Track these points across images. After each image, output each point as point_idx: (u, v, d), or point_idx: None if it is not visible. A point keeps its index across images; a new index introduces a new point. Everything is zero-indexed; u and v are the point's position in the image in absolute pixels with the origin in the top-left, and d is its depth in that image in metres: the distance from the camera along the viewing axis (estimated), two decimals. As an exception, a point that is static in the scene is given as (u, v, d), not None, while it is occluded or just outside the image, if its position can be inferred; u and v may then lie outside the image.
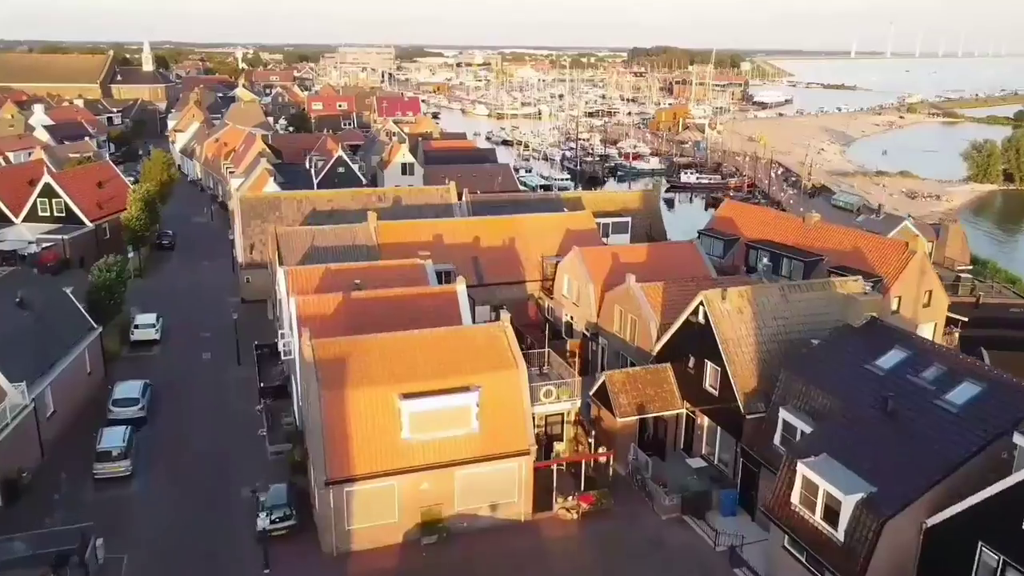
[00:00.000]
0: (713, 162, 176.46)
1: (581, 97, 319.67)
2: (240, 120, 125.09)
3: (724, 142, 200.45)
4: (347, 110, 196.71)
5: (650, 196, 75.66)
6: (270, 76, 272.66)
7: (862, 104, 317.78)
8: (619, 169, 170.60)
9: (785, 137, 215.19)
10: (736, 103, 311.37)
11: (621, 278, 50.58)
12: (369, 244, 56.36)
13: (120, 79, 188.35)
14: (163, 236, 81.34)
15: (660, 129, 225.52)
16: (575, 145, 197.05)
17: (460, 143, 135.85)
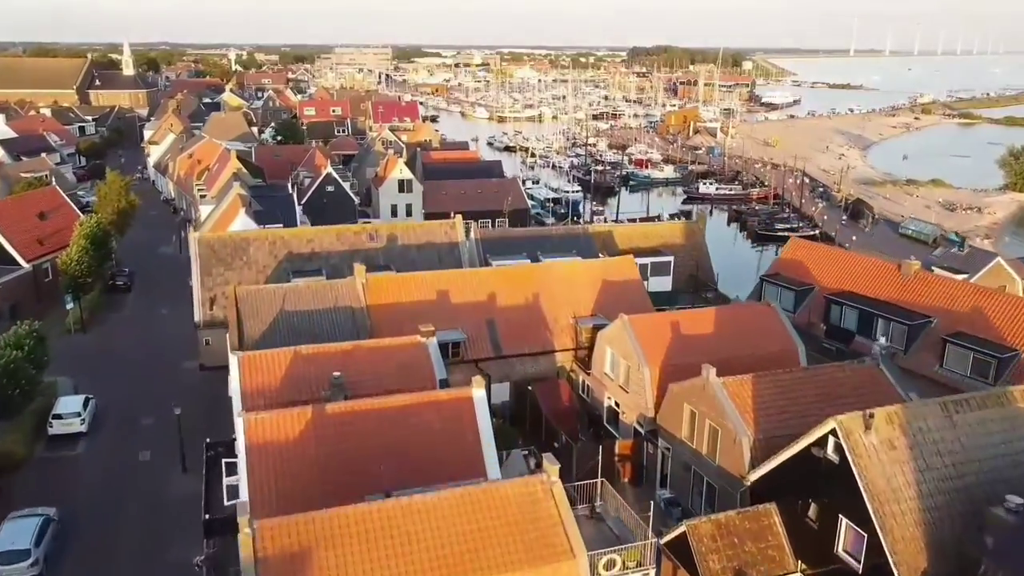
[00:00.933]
0: (731, 170, 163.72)
1: (584, 98, 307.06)
2: (219, 132, 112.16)
3: (740, 147, 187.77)
4: (341, 115, 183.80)
5: (694, 230, 62.82)
6: (262, 79, 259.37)
7: (872, 104, 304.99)
8: (632, 178, 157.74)
9: (801, 141, 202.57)
10: (743, 104, 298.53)
11: (684, 357, 38.03)
12: (356, 306, 43.63)
13: (99, 84, 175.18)
14: (118, 275, 68.44)
15: (670, 133, 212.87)
16: (583, 152, 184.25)
17: (462, 154, 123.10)
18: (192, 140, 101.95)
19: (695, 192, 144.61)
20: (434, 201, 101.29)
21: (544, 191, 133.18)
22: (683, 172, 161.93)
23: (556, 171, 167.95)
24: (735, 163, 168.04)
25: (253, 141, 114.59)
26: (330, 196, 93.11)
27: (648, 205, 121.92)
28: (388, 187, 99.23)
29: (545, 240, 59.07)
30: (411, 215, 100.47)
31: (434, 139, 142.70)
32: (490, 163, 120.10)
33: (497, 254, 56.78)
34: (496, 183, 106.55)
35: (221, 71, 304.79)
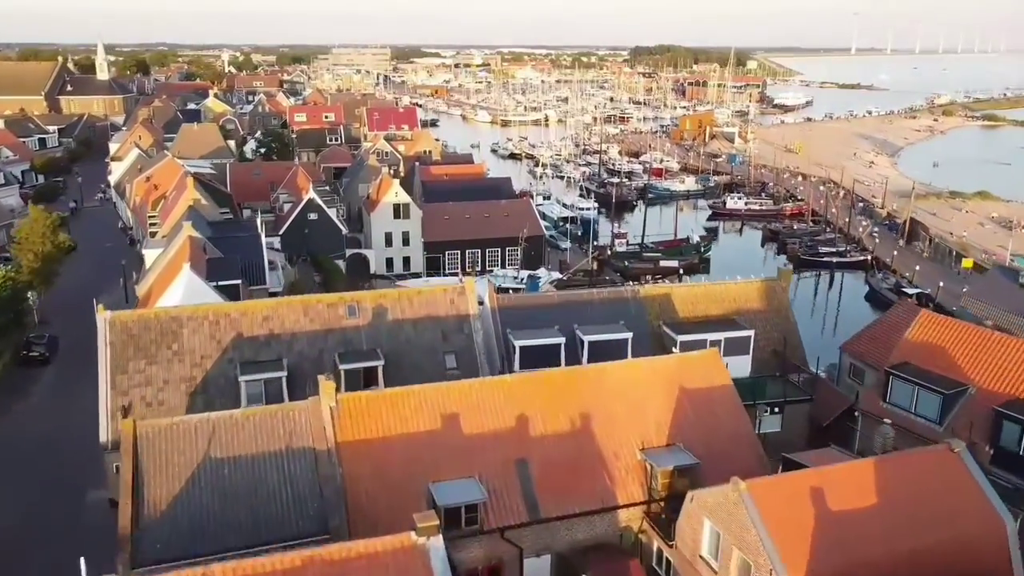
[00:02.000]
0: (756, 181, 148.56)
1: (589, 100, 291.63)
2: (190, 146, 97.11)
3: (761, 154, 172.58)
4: (334, 122, 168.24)
5: (775, 290, 47.35)
6: (254, 82, 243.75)
7: (885, 105, 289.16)
8: (650, 191, 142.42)
9: (824, 147, 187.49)
10: (755, 106, 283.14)
11: (843, 553, 23.17)
12: (319, 447, 28.56)
13: (71, 90, 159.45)
14: (34, 343, 53.34)
15: (684, 139, 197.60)
16: (596, 162, 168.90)
17: (466, 169, 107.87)
18: (158, 157, 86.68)
19: (722, 208, 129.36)
20: (435, 228, 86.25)
21: (556, 208, 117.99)
22: (705, 183, 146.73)
23: (566, 182, 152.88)
24: (760, 173, 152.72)
25: (229, 157, 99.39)
26: (313, 225, 78.02)
27: (675, 224, 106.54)
28: (382, 213, 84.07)
29: (583, 308, 43.86)
30: (408, 244, 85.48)
31: (434, 150, 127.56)
32: (498, 180, 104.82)
33: (521, 328, 41.68)
34: (506, 205, 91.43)
35: (213, 73, 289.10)
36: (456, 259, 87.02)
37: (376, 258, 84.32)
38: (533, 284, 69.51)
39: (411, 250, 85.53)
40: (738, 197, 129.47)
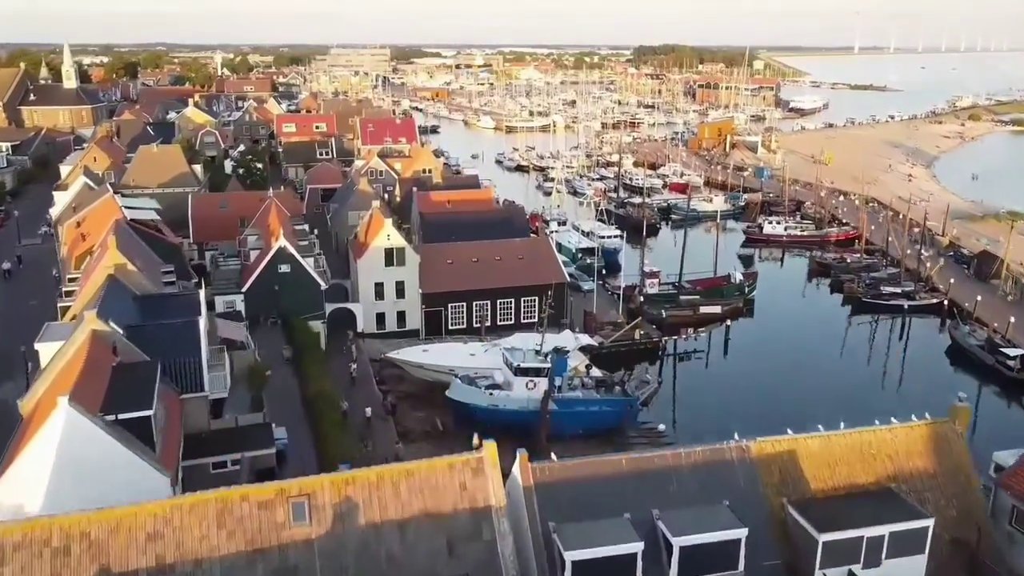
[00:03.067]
0: (791, 199, 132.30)
1: (596, 104, 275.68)
2: (145, 173, 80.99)
3: (789, 166, 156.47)
4: (326, 132, 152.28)
5: (948, 438, 30.74)
6: (244, 86, 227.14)
7: (903, 108, 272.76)
8: (674, 211, 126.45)
9: (853, 156, 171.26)
10: (771, 110, 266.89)
11: None
12: None
13: (34, 99, 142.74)
14: None
15: (703, 148, 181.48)
16: (611, 175, 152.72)
17: (472, 196, 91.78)
18: (99, 191, 70.46)
19: (758, 233, 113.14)
20: (435, 275, 70.24)
21: (574, 237, 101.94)
22: (735, 202, 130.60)
23: (581, 200, 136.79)
24: (794, 191, 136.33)
25: (194, 184, 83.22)
26: (285, 280, 61.98)
27: (715, 259, 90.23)
28: (371, 259, 68.07)
29: (664, 479, 27.91)
30: (403, 296, 69.47)
31: (435, 170, 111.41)
32: (510, 212, 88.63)
33: (571, 516, 25.80)
34: (521, 246, 75.37)
35: (203, 77, 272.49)
36: (461, 313, 71.03)
37: (364, 313, 68.39)
38: (560, 364, 53.95)
39: (406, 303, 69.59)
40: (776, 221, 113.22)
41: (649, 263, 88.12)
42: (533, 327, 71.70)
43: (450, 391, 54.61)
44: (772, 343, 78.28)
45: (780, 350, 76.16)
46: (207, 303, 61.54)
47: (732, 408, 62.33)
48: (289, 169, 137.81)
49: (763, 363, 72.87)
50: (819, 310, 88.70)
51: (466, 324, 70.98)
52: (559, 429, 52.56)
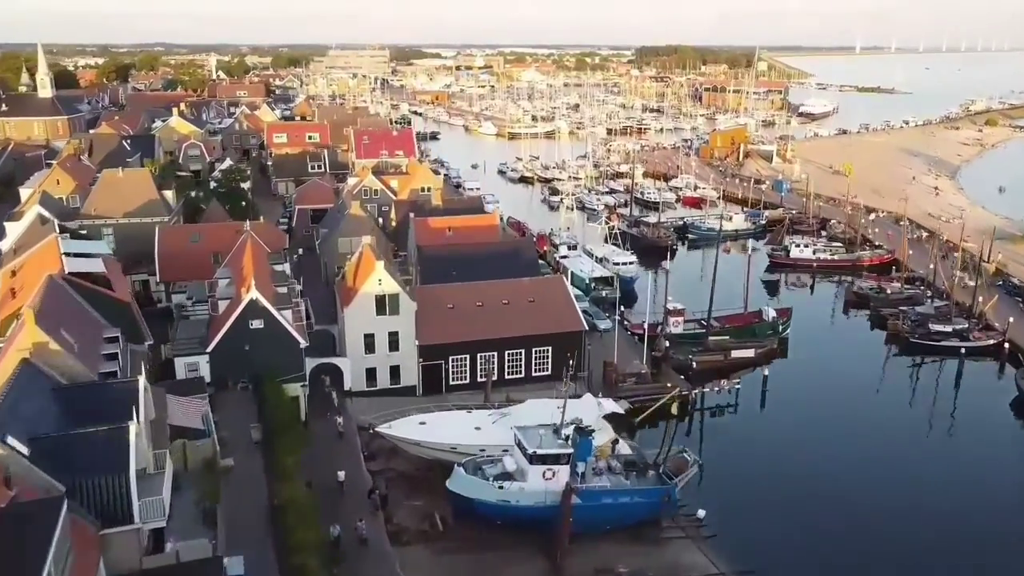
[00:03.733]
0: (814, 217, 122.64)
1: (601, 108, 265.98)
2: (108, 202, 71.05)
3: (808, 178, 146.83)
4: (319, 143, 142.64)
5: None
6: (237, 91, 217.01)
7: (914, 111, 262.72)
8: (691, 230, 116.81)
9: (873, 167, 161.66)
10: (781, 114, 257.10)
11: None
12: None
13: (5, 109, 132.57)
14: None
15: (715, 157, 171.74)
16: (621, 188, 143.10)
17: (476, 222, 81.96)
18: (44, 229, 60.67)
19: (784, 257, 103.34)
20: (435, 323, 60.63)
21: (587, 265, 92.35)
22: (755, 219, 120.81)
23: (591, 217, 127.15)
24: (818, 207, 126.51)
25: (162, 213, 73.39)
26: (257, 337, 52.34)
27: (745, 293, 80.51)
28: (360, 307, 58.43)
29: None
30: (397, 348, 59.91)
31: (435, 188, 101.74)
32: (517, 244, 78.93)
33: None
34: (531, 286, 65.67)
35: (196, 80, 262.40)
36: (463, 367, 61.42)
37: (353, 369, 58.76)
38: (584, 447, 44.37)
39: (400, 357, 59.96)
40: (804, 244, 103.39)
41: (672, 297, 78.12)
42: (547, 381, 62.55)
43: (451, 482, 45.03)
44: (811, 392, 68.86)
45: (821, 401, 66.83)
46: (167, 362, 52.69)
47: (777, 482, 53.24)
48: (279, 184, 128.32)
49: (804, 418, 63.81)
50: (860, 350, 78.99)
51: (469, 379, 61.43)
52: (583, 526, 43.16)
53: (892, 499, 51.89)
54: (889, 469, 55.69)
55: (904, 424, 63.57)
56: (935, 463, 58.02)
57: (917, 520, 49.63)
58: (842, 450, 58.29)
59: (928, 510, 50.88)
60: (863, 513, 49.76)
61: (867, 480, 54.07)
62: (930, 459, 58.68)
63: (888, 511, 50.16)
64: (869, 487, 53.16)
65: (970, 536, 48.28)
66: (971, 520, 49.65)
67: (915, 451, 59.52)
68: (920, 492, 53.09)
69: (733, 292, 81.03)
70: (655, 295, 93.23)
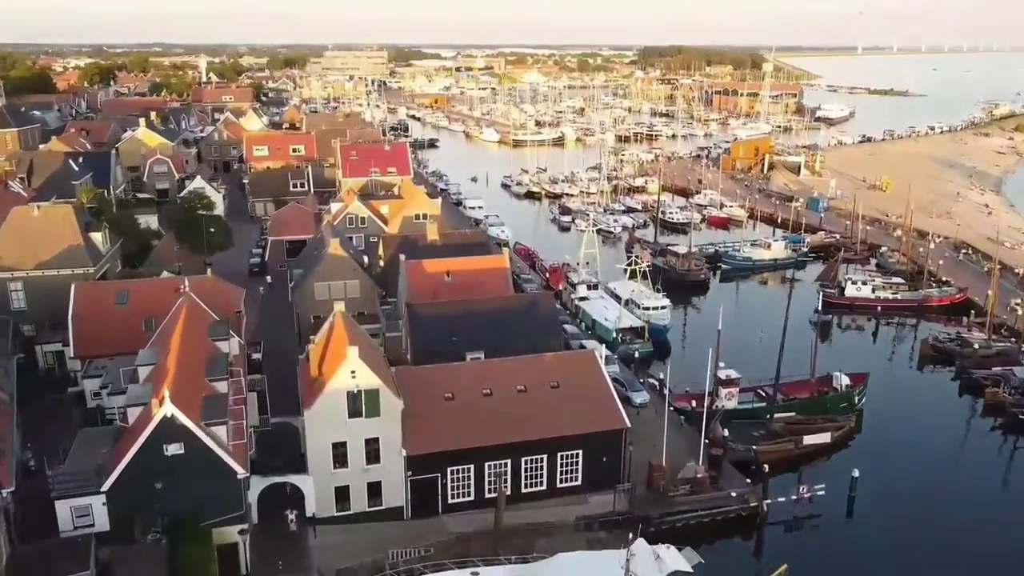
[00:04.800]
0: (861, 242, 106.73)
1: (607, 112, 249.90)
2: (16, 249, 54.78)
3: (851, 196, 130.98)
4: (304, 156, 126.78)
5: None
6: (223, 95, 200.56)
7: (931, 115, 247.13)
8: (724, 261, 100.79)
9: (909, 179, 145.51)
10: (795, 118, 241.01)
11: None
12: None
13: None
14: None
15: (737, 168, 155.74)
16: (642, 207, 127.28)
17: (481, 266, 65.84)
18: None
19: (837, 295, 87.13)
20: (428, 426, 44.76)
21: (611, 310, 76.37)
22: (796, 246, 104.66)
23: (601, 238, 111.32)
24: (865, 230, 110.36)
25: (86, 263, 57.37)
26: (174, 468, 36.36)
27: (813, 352, 64.31)
28: (327, 407, 42.40)
29: None
30: (377, 460, 43.92)
31: (432, 217, 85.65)
32: (532, 298, 62.64)
33: None
34: (555, 364, 49.71)
35: (183, 84, 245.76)
36: (465, 481, 45.50)
37: (318, 490, 42.88)
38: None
39: (383, 470, 44.02)
40: (862, 281, 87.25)
41: (727, 369, 61.76)
42: (576, 494, 46.67)
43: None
44: (905, 491, 52.94)
45: (921, 505, 51.14)
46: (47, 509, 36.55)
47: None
48: (256, 204, 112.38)
49: (902, 529, 48.30)
50: (955, 426, 63.08)
51: (474, 495, 45.57)
52: None
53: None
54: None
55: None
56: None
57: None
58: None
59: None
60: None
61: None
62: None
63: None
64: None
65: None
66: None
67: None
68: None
69: (770, 332, 65.64)
70: (684, 341, 78.52)
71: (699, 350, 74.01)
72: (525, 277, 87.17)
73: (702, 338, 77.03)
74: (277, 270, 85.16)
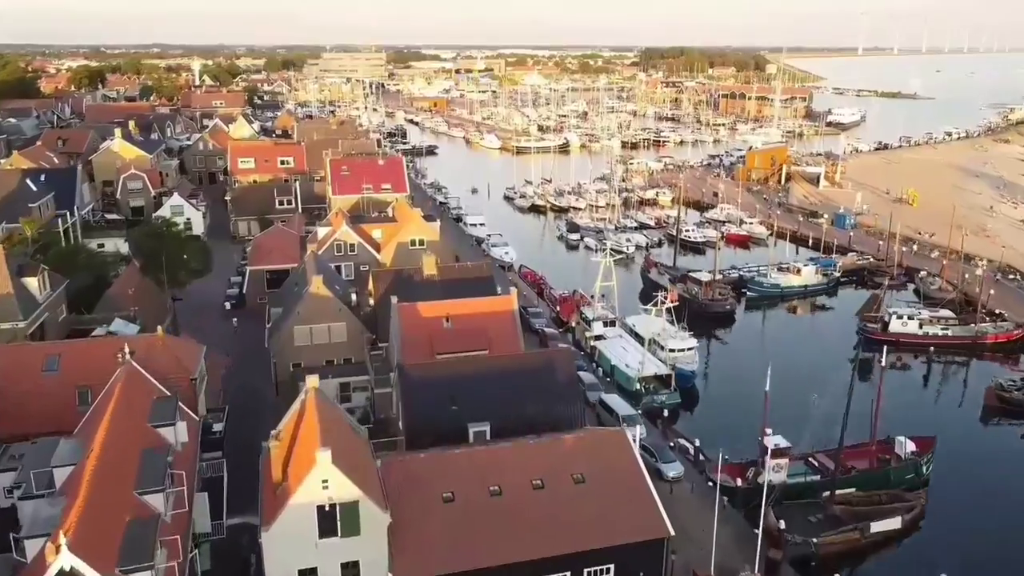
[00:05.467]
0: (897, 265, 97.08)
1: (611, 116, 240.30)
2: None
3: (870, 208, 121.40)
4: (293, 169, 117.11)
5: None
6: (213, 100, 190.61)
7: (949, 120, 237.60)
8: (750, 288, 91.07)
9: (935, 191, 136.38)
10: (806, 124, 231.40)
11: None
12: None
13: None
14: None
15: (751, 179, 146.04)
16: (655, 222, 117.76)
17: (485, 308, 56.18)
18: None
19: (880, 331, 77.22)
20: (421, 542, 35.02)
21: (632, 354, 66.66)
22: (827, 270, 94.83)
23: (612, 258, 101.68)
24: (901, 251, 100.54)
25: (15, 317, 47.66)
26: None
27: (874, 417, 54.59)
28: (290, 526, 32.71)
29: None
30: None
31: (430, 242, 76.07)
32: (547, 356, 52.60)
33: None
34: (577, 448, 40.11)
35: (174, 87, 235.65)
36: (470, 609, 35.83)
37: (280, 626, 33.23)
38: None
39: (364, 600, 34.34)
40: (908, 316, 77.46)
41: (767, 426, 52.02)
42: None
43: None
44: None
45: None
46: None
47: None
48: (239, 223, 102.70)
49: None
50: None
51: (480, 630, 35.88)
52: None
53: None
54: None
55: None
56: None
57: None
58: None
59: None
60: None
61: None
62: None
63: None
64: None
65: None
66: None
67: None
68: None
69: (822, 386, 56.51)
70: (712, 386, 68.80)
71: (731, 398, 64.92)
72: (533, 310, 77.51)
73: (733, 383, 67.86)
74: (257, 301, 75.60)
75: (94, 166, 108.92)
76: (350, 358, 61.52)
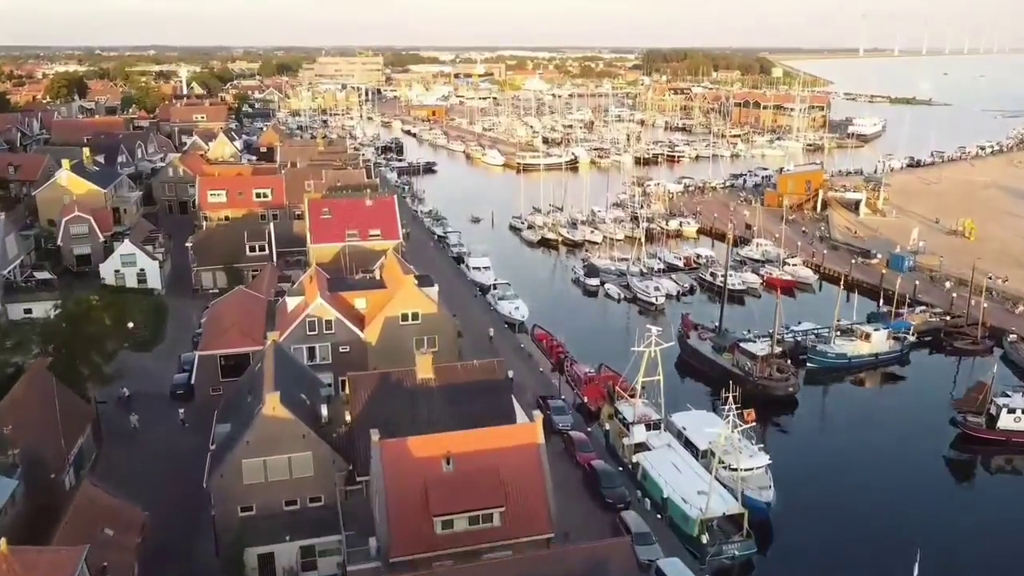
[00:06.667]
0: (978, 324, 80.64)
1: (619, 126, 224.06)
2: None
3: (926, 244, 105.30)
4: (271, 203, 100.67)
5: None
6: (194, 114, 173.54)
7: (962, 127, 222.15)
8: (809, 357, 74.47)
9: (986, 218, 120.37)
10: (824, 135, 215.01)
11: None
12: None
13: None
14: None
15: (783, 205, 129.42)
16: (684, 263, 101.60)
17: (498, 443, 39.99)
18: None
19: (983, 428, 60.79)
20: None
21: (687, 481, 49.83)
22: (900, 333, 78.03)
23: (642, 310, 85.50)
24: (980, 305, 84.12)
25: None
26: None
27: None
28: None
29: None
30: None
31: (425, 316, 59.66)
32: (596, 551, 36.06)
33: None
34: None
35: (156, 98, 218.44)
36: None
37: None
38: None
39: None
40: (1022, 409, 61.09)
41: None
42: None
43: None
44: None
45: None
46: None
47: None
48: (203, 274, 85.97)
49: None
50: None
51: None
52: None
53: None
54: None
55: None
56: None
57: None
58: None
59: None
60: None
61: None
62: None
63: None
64: None
65: None
66: None
67: None
68: None
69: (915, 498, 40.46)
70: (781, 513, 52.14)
71: (816, 535, 49.01)
72: (555, 404, 61.07)
73: (815, 511, 51.57)
74: (208, 396, 59.25)
75: (38, 203, 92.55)
76: (319, 496, 45.41)
